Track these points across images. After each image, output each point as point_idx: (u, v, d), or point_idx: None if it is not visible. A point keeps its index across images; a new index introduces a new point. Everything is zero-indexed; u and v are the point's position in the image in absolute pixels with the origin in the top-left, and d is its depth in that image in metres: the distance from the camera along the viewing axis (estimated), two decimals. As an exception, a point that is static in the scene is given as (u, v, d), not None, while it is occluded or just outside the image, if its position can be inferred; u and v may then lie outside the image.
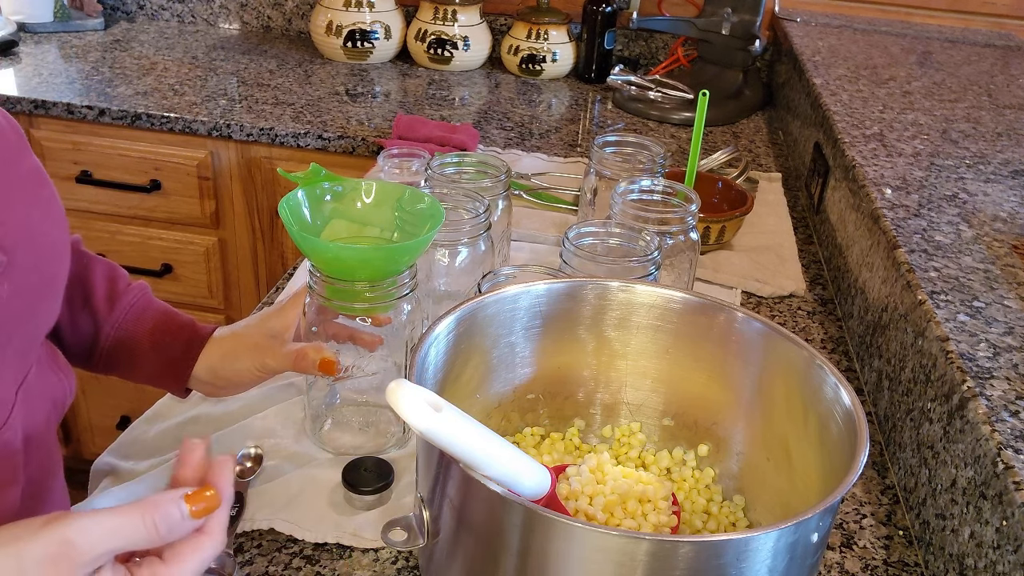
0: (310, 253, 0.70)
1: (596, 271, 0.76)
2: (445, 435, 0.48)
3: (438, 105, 1.71)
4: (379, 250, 0.73)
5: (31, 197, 0.62)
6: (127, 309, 0.76)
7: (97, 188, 1.63)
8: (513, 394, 0.71)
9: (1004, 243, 0.89)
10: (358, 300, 0.71)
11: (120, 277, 0.78)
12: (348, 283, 0.70)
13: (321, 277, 0.70)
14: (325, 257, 0.70)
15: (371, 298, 0.71)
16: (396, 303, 0.72)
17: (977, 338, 0.71)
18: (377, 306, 0.72)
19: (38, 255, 0.62)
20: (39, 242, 0.62)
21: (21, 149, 0.63)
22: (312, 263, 0.71)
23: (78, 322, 0.75)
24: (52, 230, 0.65)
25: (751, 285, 1.09)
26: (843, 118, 1.22)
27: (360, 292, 0.70)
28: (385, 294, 0.71)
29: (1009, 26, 1.91)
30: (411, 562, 0.66)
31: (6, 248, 0.57)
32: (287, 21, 2.12)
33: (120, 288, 0.77)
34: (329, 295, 0.71)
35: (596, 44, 1.90)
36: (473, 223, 0.83)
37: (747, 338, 0.65)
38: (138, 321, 0.76)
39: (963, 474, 0.64)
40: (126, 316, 0.76)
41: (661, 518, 0.60)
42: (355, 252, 0.71)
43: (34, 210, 0.62)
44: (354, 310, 0.73)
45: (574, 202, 1.27)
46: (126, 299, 0.77)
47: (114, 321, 0.75)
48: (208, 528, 0.50)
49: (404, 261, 0.71)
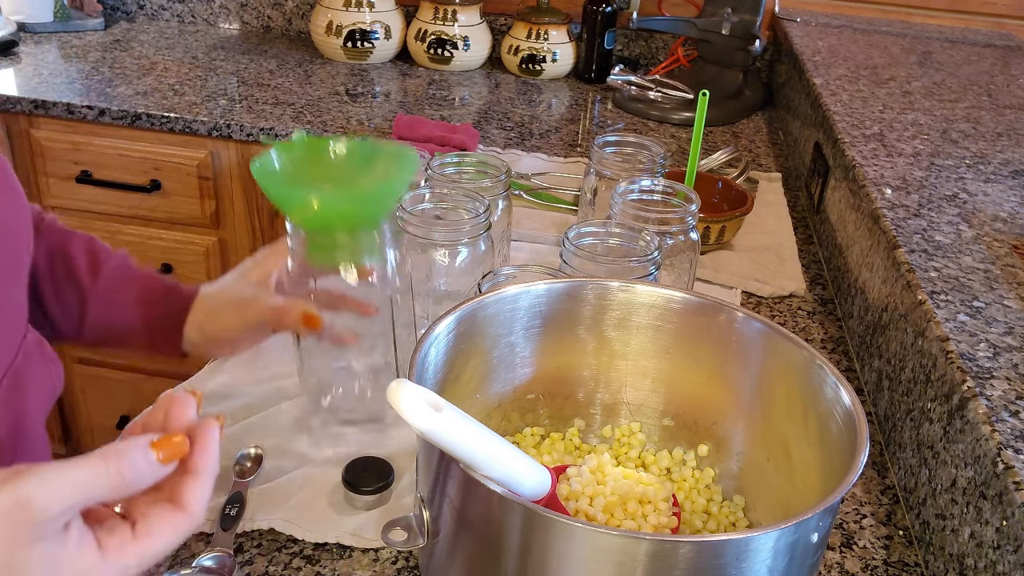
0: (286, 206, 0.68)
1: (596, 271, 0.76)
2: (445, 435, 0.48)
3: (438, 105, 1.71)
4: (357, 197, 0.71)
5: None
6: (110, 277, 0.76)
7: (97, 188, 1.63)
8: (513, 394, 0.71)
9: (1004, 243, 0.89)
10: (339, 252, 0.69)
11: (101, 248, 0.78)
12: (327, 236, 0.68)
13: (300, 233, 0.69)
14: (302, 208, 0.67)
15: (352, 247, 0.69)
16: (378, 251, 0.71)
17: (977, 338, 0.71)
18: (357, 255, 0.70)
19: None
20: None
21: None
22: (290, 221, 0.70)
23: (63, 296, 0.75)
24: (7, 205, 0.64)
25: (751, 285, 1.09)
26: (843, 118, 1.22)
27: (340, 243, 0.69)
28: (367, 242, 0.70)
29: (1009, 26, 1.91)
30: (411, 562, 0.66)
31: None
32: (287, 21, 2.12)
33: (101, 258, 0.77)
34: (309, 250, 0.69)
35: (596, 44, 1.90)
36: (473, 223, 0.83)
37: (747, 338, 0.65)
38: (123, 288, 0.76)
39: (963, 474, 0.64)
40: (110, 284, 0.76)
41: (661, 519, 0.60)
42: (333, 199, 0.69)
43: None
44: (334, 262, 0.70)
45: (574, 202, 1.27)
46: (108, 268, 0.76)
47: (99, 290, 0.75)
48: (185, 504, 0.46)
49: (383, 208, 0.70)
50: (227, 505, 0.68)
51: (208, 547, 0.65)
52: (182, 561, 0.64)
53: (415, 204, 0.84)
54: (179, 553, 0.65)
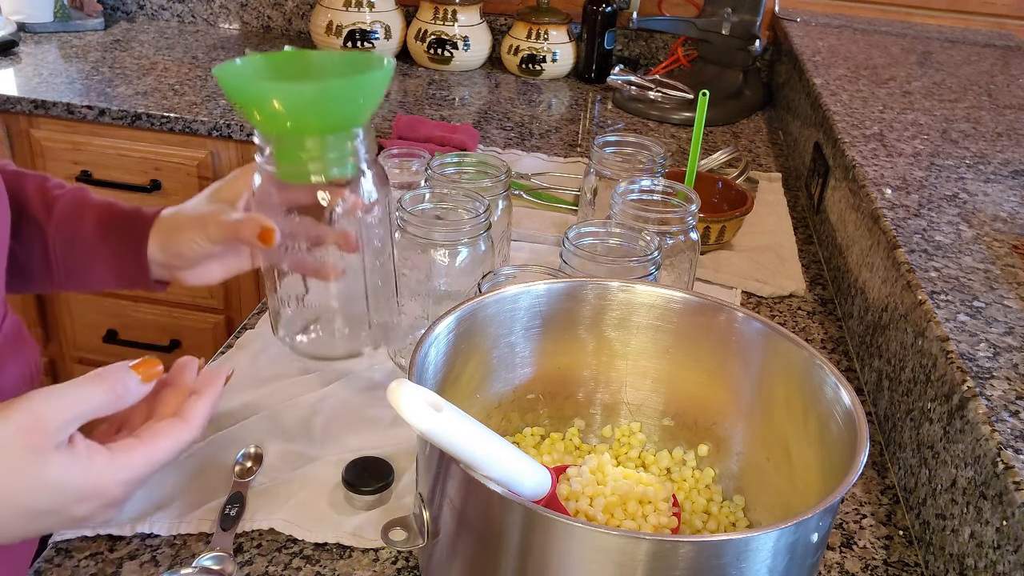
0: (249, 106, 0.64)
1: (596, 271, 0.76)
2: (445, 435, 0.48)
3: (438, 105, 1.71)
4: (326, 90, 0.65)
5: None
6: (66, 209, 0.76)
7: (97, 188, 1.62)
8: (513, 394, 0.71)
9: (1004, 243, 0.89)
10: (309, 160, 0.65)
11: (53, 184, 0.78)
12: (296, 141, 0.64)
13: (268, 144, 0.65)
14: (268, 109, 0.63)
15: (322, 156, 0.65)
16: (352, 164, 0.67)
17: (977, 338, 0.71)
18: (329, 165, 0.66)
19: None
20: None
21: None
22: (258, 131, 0.66)
23: (23, 236, 0.74)
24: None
25: (751, 285, 1.09)
26: (843, 118, 1.22)
27: (310, 150, 0.65)
28: (339, 151, 0.65)
29: (1009, 26, 1.91)
30: (411, 562, 0.66)
31: None
32: (287, 21, 2.12)
33: (55, 193, 0.77)
34: (277, 158, 0.65)
35: (596, 44, 1.90)
36: (473, 223, 0.83)
37: (747, 338, 0.65)
38: (79, 217, 0.75)
39: (963, 474, 0.64)
40: (66, 216, 0.75)
41: (661, 519, 0.60)
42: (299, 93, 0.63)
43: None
44: (304, 174, 0.66)
45: (574, 202, 1.27)
46: (63, 200, 0.76)
47: (55, 223, 0.75)
48: (187, 415, 0.53)
49: (358, 106, 0.65)
50: (227, 505, 0.68)
51: (208, 547, 0.65)
52: (182, 561, 0.64)
53: (415, 204, 0.84)
54: (179, 553, 0.65)
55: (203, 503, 0.69)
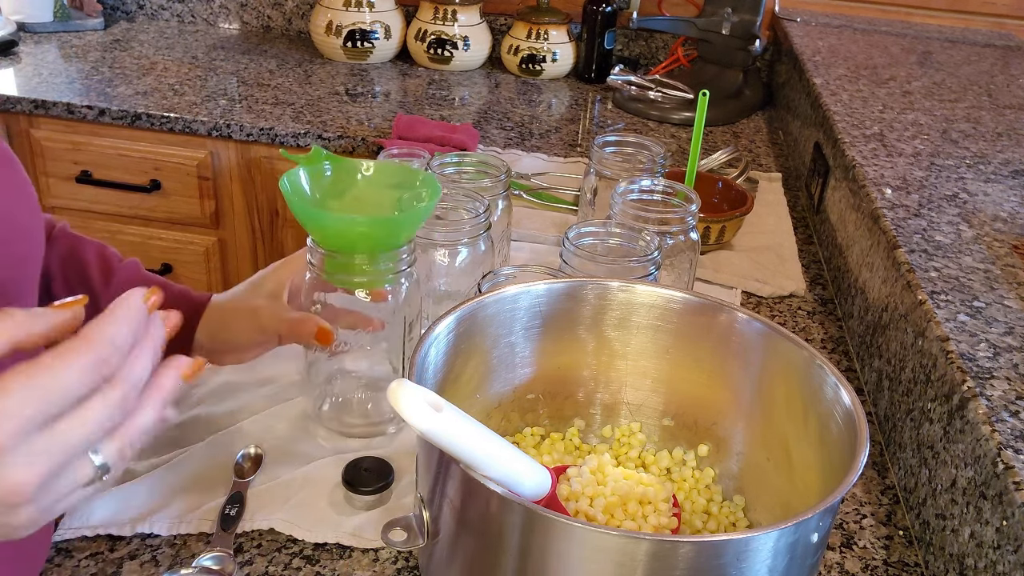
0: (311, 225, 0.71)
1: (596, 271, 0.76)
2: (446, 435, 0.48)
3: (438, 105, 1.71)
4: (379, 221, 0.73)
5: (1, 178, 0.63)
6: (122, 282, 0.76)
7: (97, 188, 1.63)
8: (513, 394, 0.71)
9: (1004, 243, 0.89)
10: (357, 274, 0.71)
11: (112, 255, 0.79)
12: (347, 256, 0.70)
13: (320, 251, 0.71)
14: (326, 229, 0.70)
15: (370, 271, 0.71)
16: (395, 277, 0.73)
17: (977, 338, 0.71)
18: (376, 280, 0.72)
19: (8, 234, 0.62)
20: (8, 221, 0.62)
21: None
22: (312, 237, 0.71)
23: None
24: (22, 211, 0.65)
25: (751, 285, 1.09)
26: (843, 118, 1.22)
27: (359, 266, 0.71)
28: (384, 268, 0.71)
29: (1009, 26, 1.91)
30: (411, 562, 0.66)
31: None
32: (287, 21, 2.12)
33: (113, 264, 0.78)
34: (328, 269, 0.71)
35: (596, 44, 1.89)
36: (473, 223, 0.83)
37: (747, 338, 0.65)
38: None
39: (963, 474, 0.64)
40: (122, 288, 0.75)
41: (662, 520, 0.60)
42: (356, 223, 0.71)
43: (3, 190, 0.63)
44: (353, 284, 0.73)
45: (574, 202, 1.27)
46: (121, 273, 0.77)
47: (110, 295, 0.75)
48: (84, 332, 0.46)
49: (404, 234, 0.71)
50: (227, 505, 0.68)
51: (208, 547, 0.65)
52: (182, 561, 0.64)
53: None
54: (179, 553, 0.65)
55: (203, 503, 0.69)
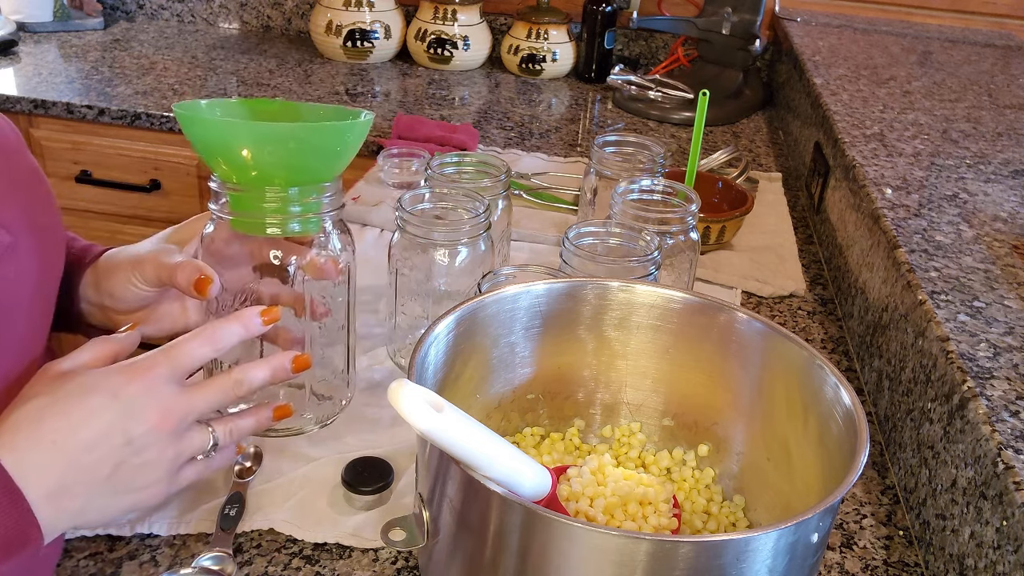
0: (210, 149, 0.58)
1: (596, 271, 0.76)
2: (446, 435, 0.48)
3: (438, 105, 1.71)
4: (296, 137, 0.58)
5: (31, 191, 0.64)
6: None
7: (97, 188, 1.63)
8: (513, 394, 0.71)
9: (1004, 243, 0.89)
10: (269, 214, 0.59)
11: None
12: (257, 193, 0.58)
13: (225, 190, 0.59)
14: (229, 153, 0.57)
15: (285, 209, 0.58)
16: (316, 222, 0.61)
17: (977, 338, 0.71)
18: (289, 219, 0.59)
19: (39, 244, 0.63)
20: (40, 232, 0.63)
21: (21, 148, 0.65)
22: (216, 174, 0.60)
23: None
24: (51, 224, 0.66)
25: (751, 285, 1.09)
26: (843, 118, 1.22)
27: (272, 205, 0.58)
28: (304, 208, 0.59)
29: (1009, 26, 1.91)
30: (411, 562, 0.66)
31: (12, 230, 0.58)
32: (287, 21, 2.12)
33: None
34: (234, 206, 0.58)
35: (596, 44, 1.90)
36: (473, 223, 0.83)
37: (747, 338, 0.65)
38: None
39: (963, 474, 0.64)
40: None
41: (662, 520, 0.60)
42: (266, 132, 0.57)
43: (35, 202, 0.64)
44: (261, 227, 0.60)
45: (574, 202, 1.27)
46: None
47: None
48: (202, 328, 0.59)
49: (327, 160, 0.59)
50: (227, 505, 0.68)
51: (207, 547, 0.65)
52: (182, 561, 0.64)
53: (415, 204, 0.84)
54: (179, 553, 0.65)
55: (203, 503, 0.69)
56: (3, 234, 0.58)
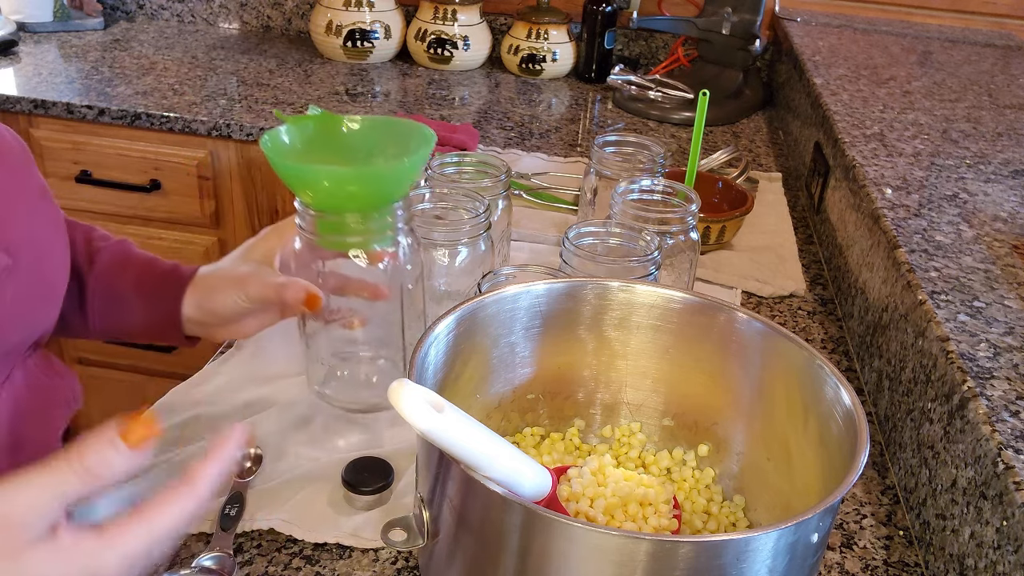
0: (296, 182, 0.66)
1: (596, 271, 0.76)
2: (446, 435, 0.48)
3: (438, 105, 1.71)
4: (370, 172, 0.68)
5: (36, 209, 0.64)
6: (107, 262, 0.76)
7: (97, 188, 1.63)
8: (513, 394, 0.71)
9: (1004, 243, 0.89)
10: (349, 234, 0.67)
11: (97, 236, 0.78)
12: (338, 216, 0.66)
13: (310, 212, 0.67)
14: (313, 185, 0.65)
15: (363, 231, 0.67)
16: (391, 236, 0.69)
17: (977, 338, 0.71)
18: (371, 239, 0.68)
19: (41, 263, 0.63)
20: (42, 251, 0.63)
21: (28, 165, 0.65)
22: (299, 198, 0.67)
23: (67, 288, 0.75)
24: (55, 242, 0.66)
25: (751, 285, 1.09)
26: (843, 118, 1.22)
27: (351, 225, 0.66)
28: (379, 225, 0.67)
29: (1009, 26, 1.91)
30: (411, 562, 0.66)
31: (11, 251, 0.58)
32: (287, 21, 2.12)
33: (98, 245, 0.77)
34: (320, 231, 0.67)
35: (596, 44, 1.89)
36: (473, 223, 0.83)
37: (747, 338, 0.65)
38: (120, 272, 0.75)
39: (963, 474, 0.64)
40: (107, 268, 0.76)
41: (662, 521, 0.60)
42: (346, 176, 0.66)
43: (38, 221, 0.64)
44: (346, 245, 0.68)
45: (574, 202, 1.27)
46: (105, 253, 0.76)
47: (96, 274, 0.75)
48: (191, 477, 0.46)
49: (398, 187, 0.67)
50: (227, 505, 0.68)
51: (208, 547, 0.65)
52: (182, 561, 0.64)
53: (415, 204, 0.84)
54: (179, 553, 0.65)
55: (203, 503, 0.69)
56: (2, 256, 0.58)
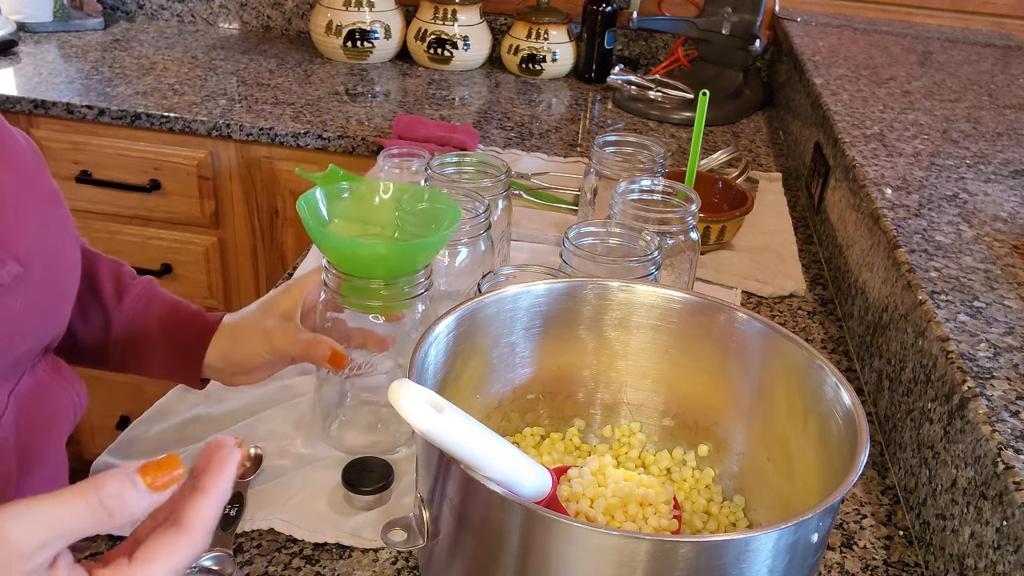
0: (328, 249, 0.70)
1: (596, 271, 0.76)
2: (446, 435, 0.48)
3: (438, 105, 1.71)
4: (398, 246, 0.73)
5: (47, 215, 0.64)
6: (135, 300, 0.77)
7: (97, 188, 1.63)
8: (513, 394, 0.71)
9: (1004, 243, 0.89)
10: (373, 298, 0.71)
11: (126, 272, 0.79)
12: (364, 280, 0.70)
13: (336, 274, 0.70)
14: (343, 253, 0.70)
15: (386, 296, 0.71)
16: (411, 302, 0.72)
17: (977, 338, 0.71)
18: (392, 304, 0.72)
19: (52, 270, 0.63)
20: (53, 258, 0.63)
21: (40, 169, 0.65)
22: (328, 259, 0.71)
23: (89, 317, 0.76)
24: (65, 248, 0.66)
25: (751, 285, 1.09)
26: (843, 118, 1.22)
27: (375, 290, 0.70)
28: (400, 292, 0.71)
29: (1009, 26, 1.91)
30: (411, 562, 0.66)
31: (22, 260, 0.58)
32: (287, 21, 2.12)
33: (126, 282, 0.78)
34: (344, 292, 0.71)
35: (596, 44, 1.89)
36: (473, 223, 0.83)
37: (747, 338, 0.65)
38: (146, 311, 0.77)
39: (963, 474, 0.64)
40: (134, 307, 0.77)
41: (662, 521, 0.60)
42: (374, 248, 0.71)
43: (49, 227, 0.64)
44: (369, 308, 0.73)
45: (574, 202, 1.27)
46: (133, 291, 0.78)
47: (123, 312, 0.76)
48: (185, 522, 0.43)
49: (421, 259, 0.71)
50: (227, 505, 0.68)
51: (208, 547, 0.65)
52: (182, 561, 0.64)
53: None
54: (179, 553, 0.65)
55: (203, 503, 0.69)
56: (14, 265, 0.58)
